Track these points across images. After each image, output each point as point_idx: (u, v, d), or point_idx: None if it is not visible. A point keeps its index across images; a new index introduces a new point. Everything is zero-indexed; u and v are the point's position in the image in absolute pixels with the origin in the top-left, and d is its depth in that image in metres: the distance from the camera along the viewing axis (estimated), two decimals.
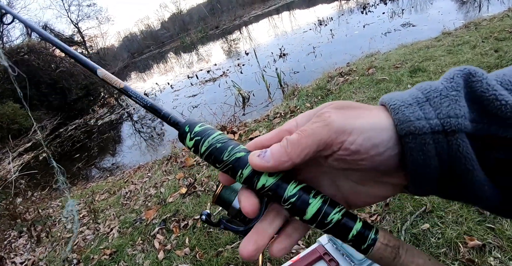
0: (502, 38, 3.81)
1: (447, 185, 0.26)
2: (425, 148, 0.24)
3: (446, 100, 0.25)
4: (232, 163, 0.30)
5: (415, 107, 0.26)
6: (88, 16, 27.28)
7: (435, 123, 0.24)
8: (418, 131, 0.24)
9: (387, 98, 0.28)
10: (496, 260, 1.43)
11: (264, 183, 0.29)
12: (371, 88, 3.73)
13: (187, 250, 2.25)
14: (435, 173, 0.25)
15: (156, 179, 3.67)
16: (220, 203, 0.54)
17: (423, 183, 0.27)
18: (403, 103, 0.26)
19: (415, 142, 0.25)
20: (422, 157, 0.25)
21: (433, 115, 0.25)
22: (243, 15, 26.51)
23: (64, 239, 3.21)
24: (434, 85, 0.27)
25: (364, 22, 8.60)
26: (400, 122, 0.25)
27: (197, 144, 0.31)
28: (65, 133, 9.92)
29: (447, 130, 0.24)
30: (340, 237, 0.29)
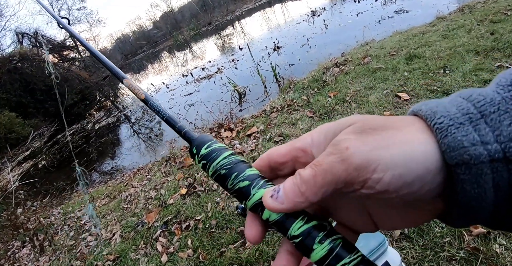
0: (497, 20, 3.75)
1: (501, 217, 0.22)
2: (481, 180, 0.20)
3: (507, 117, 0.20)
4: (236, 192, 0.28)
5: (469, 128, 0.20)
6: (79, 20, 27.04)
7: (494, 150, 0.19)
8: (474, 160, 0.19)
9: (427, 110, 0.22)
10: (501, 247, 1.40)
11: (267, 217, 0.27)
12: (368, 78, 3.68)
13: (190, 251, 2.23)
14: (489, 206, 0.21)
15: (155, 180, 3.65)
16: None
17: (472, 216, 0.22)
18: (452, 121, 0.21)
19: (469, 173, 0.20)
20: (477, 190, 0.20)
21: (491, 139, 0.19)
22: (235, 10, 26.30)
23: (67, 247, 3.19)
24: (489, 96, 0.21)
25: (357, 11, 8.51)
26: (450, 149, 0.20)
27: (204, 167, 0.31)
28: (63, 139, 9.88)
29: (509, 158, 0.19)
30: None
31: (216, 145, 0.31)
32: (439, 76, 3.05)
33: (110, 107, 12.14)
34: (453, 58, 3.26)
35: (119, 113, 10.22)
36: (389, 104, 2.95)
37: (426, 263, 1.46)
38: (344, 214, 0.28)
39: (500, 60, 2.90)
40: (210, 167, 0.30)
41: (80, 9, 27.09)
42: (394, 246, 1.56)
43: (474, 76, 2.79)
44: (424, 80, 3.08)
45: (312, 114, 3.42)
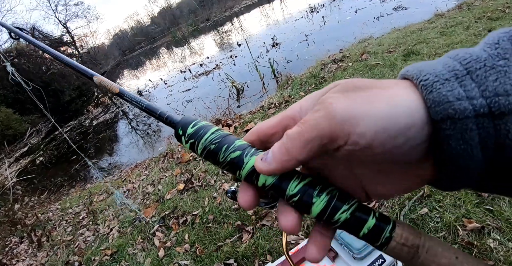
0: (495, 18, 3.76)
1: (490, 178, 0.22)
2: (467, 135, 0.20)
3: (493, 73, 0.20)
4: (229, 164, 0.28)
5: (454, 83, 0.20)
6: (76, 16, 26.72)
7: (480, 104, 0.19)
8: (458, 115, 0.19)
9: (414, 70, 0.22)
10: (495, 241, 1.42)
11: (263, 182, 0.27)
12: (365, 74, 3.68)
13: (187, 246, 2.24)
14: (477, 165, 0.20)
15: (153, 176, 3.65)
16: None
17: (461, 176, 0.22)
18: (438, 78, 0.21)
19: (454, 127, 0.20)
20: (463, 146, 0.20)
21: (477, 94, 0.19)
22: (233, 6, 26.17)
23: (65, 242, 3.20)
24: (475, 53, 0.21)
25: (356, 7, 8.50)
26: (435, 103, 0.20)
27: (192, 147, 0.30)
28: (60, 135, 9.86)
29: (495, 113, 0.19)
30: (352, 234, 0.26)
31: (201, 123, 0.30)
32: None
33: (107, 103, 12.10)
34: None
35: (117, 110, 10.19)
36: None
37: None
38: (335, 182, 0.28)
39: None
40: (199, 144, 0.29)
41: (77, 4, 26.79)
42: None
43: None
44: None
45: None
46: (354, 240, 1.11)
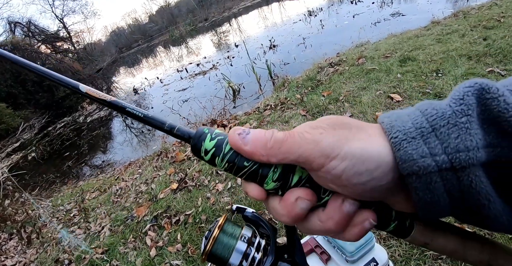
0: (490, 27, 3.81)
1: (460, 216, 0.24)
2: (432, 186, 0.22)
3: (455, 130, 0.22)
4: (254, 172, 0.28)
5: (419, 142, 0.22)
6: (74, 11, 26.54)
7: (442, 160, 0.22)
8: (422, 171, 0.22)
9: (387, 124, 0.25)
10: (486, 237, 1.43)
11: (300, 175, 0.28)
12: (361, 78, 3.71)
13: (179, 246, 2.23)
14: (446, 208, 0.23)
15: (147, 175, 3.63)
16: (212, 260, 0.45)
17: (433, 215, 0.25)
18: (405, 136, 0.23)
19: (419, 181, 0.22)
20: (429, 195, 0.23)
21: (439, 151, 0.22)
22: (232, 6, 26.19)
23: (55, 239, 3.16)
24: (441, 110, 0.23)
25: (354, 12, 8.56)
26: (402, 161, 0.23)
27: (220, 143, 0.29)
28: (53, 131, 9.74)
29: (456, 167, 0.21)
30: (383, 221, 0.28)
31: (219, 135, 0.29)
32: (432, 79, 3.10)
33: None
34: (446, 62, 3.31)
35: None
36: (382, 105, 2.98)
37: (413, 261, 1.49)
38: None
39: (491, 65, 2.96)
40: (222, 157, 0.28)
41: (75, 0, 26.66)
42: (381, 244, 1.59)
43: (465, 80, 2.81)
44: (417, 82, 3.12)
45: (305, 112, 3.44)
46: (347, 243, 1.12)
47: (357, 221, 0.26)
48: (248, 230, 0.47)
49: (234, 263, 0.43)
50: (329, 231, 0.27)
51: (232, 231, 0.46)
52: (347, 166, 0.24)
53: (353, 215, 0.27)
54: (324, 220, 0.27)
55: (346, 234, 0.27)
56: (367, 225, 0.26)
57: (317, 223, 0.27)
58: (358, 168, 0.23)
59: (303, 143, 0.25)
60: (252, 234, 0.46)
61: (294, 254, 0.46)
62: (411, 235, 0.28)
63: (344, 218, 0.26)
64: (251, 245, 0.45)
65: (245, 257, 0.43)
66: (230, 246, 0.44)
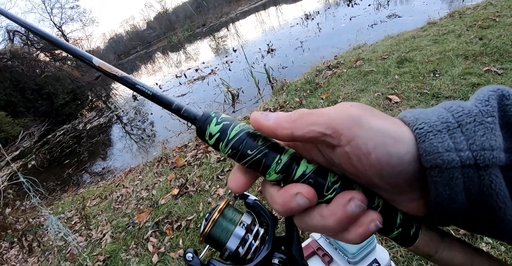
0: (486, 26, 3.84)
1: (473, 219, 0.23)
2: (452, 183, 0.22)
3: (481, 128, 0.22)
4: (269, 147, 0.27)
5: (445, 135, 0.22)
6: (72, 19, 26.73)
7: (466, 156, 0.21)
8: (446, 165, 0.21)
9: (411, 117, 0.24)
10: (488, 245, 1.43)
11: (304, 170, 0.26)
12: (359, 81, 3.73)
13: (181, 252, 2.22)
14: (461, 208, 0.23)
15: (147, 181, 3.62)
16: (210, 242, 0.45)
17: (446, 216, 0.24)
18: (431, 128, 0.22)
19: (441, 175, 0.22)
20: (448, 192, 0.22)
21: (465, 147, 0.21)
22: (229, 12, 26.35)
23: (57, 247, 3.15)
24: (467, 108, 0.23)
25: (351, 15, 8.61)
26: (426, 153, 0.22)
27: (225, 128, 0.27)
28: (53, 139, 9.74)
29: (480, 165, 0.21)
30: (386, 226, 0.26)
31: (225, 116, 0.29)
32: (429, 79, 3.11)
33: (102, 107, 12.02)
34: (443, 62, 3.33)
35: (111, 114, 10.13)
36: (380, 106, 2.99)
37: (415, 261, 1.48)
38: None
39: (488, 64, 2.97)
40: (236, 126, 0.28)
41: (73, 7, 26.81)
42: (383, 245, 1.58)
43: (463, 80, 2.85)
44: (414, 83, 3.13)
45: None
46: (348, 244, 1.12)
47: (363, 221, 0.25)
48: (248, 217, 0.47)
49: (230, 247, 0.43)
50: (329, 227, 0.25)
51: (232, 216, 0.46)
52: (379, 142, 0.22)
53: (357, 216, 0.25)
54: (326, 215, 0.25)
55: (349, 235, 0.26)
56: (373, 227, 0.25)
57: (317, 218, 0.26)
58: (390, 148, 0.22)
59: (331, 112, 0.24)
60: (252, 222, 0.46)
61: (291, 246, 0.46)
62: (415, 245, 0.27)
63: (347, 217, 0.25)
64: (249, 232, 0.45)
65: (242, 243, 0.44)
66: (228, 230, 0.44)
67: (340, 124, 0.23)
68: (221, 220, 0.45)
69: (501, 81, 2.64)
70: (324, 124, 0.23)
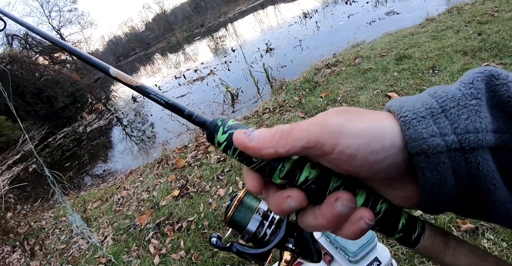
0: (484, 21, 3.82)
1: (465, 203, 0.24)
2: (440, 167, 0.22)
3: (465, 112, 0.22)
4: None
5: (429, 121, 0.22)
6: (70, 22, 26.80)
7: (451, 140, 0.21)
8: (431, 150, 0.22)
9: (396, 106, 0.25)
10: (489, 241, 1.43)
11: (307, 176, 0.27)
12: (358, 78, 3.72)
13: (183, 253, 2.22)
14: (451, 192, 0.23)
15: (148, 182, 3.62)
16: (233, 225, 0.51)
17: (438, 201, 0.24)
18: (415, 115, 0.23)
19: (427, 161, 0.22)
20: (437, 177, 0.22)
21: (449, 131, 0.22)
22: (228, 11, 26.33)
23: (58, 250, 3.15)
24: (451, 92, 0.23)
25: (349, 13, 8.59)
26: (411, 139, 0.22)
27: (231, 137, 0.28)
28: (54, 142, 9.75)
29: (466, 148, 0.21)
30: (388, 229, 0.27)
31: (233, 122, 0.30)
32: (428, 76, 3.10)
33: (102, 109, 12.03)
34: (442, 59, 3.31)
35: (111, 116, 10.13)
36: (379, 104, 2.98)
37: (416, 259, 1.48)
38: None
39: (487, 60, 2.96)
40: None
41: (71, 10, 26.84)
42: (384, 243, 1.58)
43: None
44: (414, 80, 3.12)
45: (304, 114, 3.44)
46: (349, 243, 1.11)
47: (353, 219, 0.26)
48: (265, 204, 0.51)
49: (250, 230, 0.49)
50: (322, 226, 0.27)
51: (251, 203, 0.51)
52: (361, 143, 0.23)
53: (347, 216, 0.26)
54: (318, 216, 0.26)
55: (344, 231, 0.27)
56: (363, 224, 0.26)
57: (312, 218, 0.27)
58: (374, 146, 0.23)
59: (310, 127, 0.25)
60: (268, 209, 0.51)
61: (303, 232, 0.50)
62: (418, 246, 0.27)
63: (336, 217, 0.26)
64: (265, 218, 0.50)
65: (260, 227, 0.49)
66: (248, 215, 0.50)
67: (320, 136, 0.24)
68: (241, 206, 0.51)
69: None
70: (305, 138, 0.24)
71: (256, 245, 0.50)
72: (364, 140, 0.23)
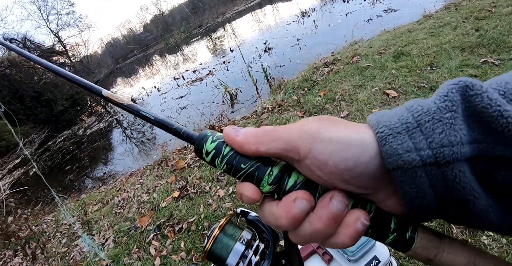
0: (482, 17, 3.81)
1: (448, 213, 0.24)
2: (417, 181, 0.22)
3: (440, 125, 0.22)
4: (261, 161, 0.29)
5: (404, 137, 0.23)
6: (68, 25, 26.73)
7: (426, 155, 0.22)
8: (407, 165, 0.22)
9: (374, 121, 0.25)
10: (489, 238, 1.42)
11: (296, 180, 0.28)
12: (356, 76, 3.71)
13: (183, 254, 2.22)
14: (432, 203, 0.23)
15: (148, 184, 3.62)
16: (211, 259, 0.48)
17: (421, 212, 0.24)
18: (391, 131, 0.23)
19: (405, 175, 0.22)
20: (415, 190, 0.23)
21: (424, 145, 0.22)
22: (225, 12, 26.33)
23: (60, 254, 3.15)
24: (426, 106, 0.24)
25: (347, 11, 8.58)
26: (387, 155, 0.23)
27: (220, 145, 0.30)
28: (54, 145, 9.76)
29: (441, 162, 0.22)
30: (379, 233, 0.27)
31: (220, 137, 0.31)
32: (426, 73, 3.09)
33: (101, 112, 12.03)
34: (440, 55, 3.31)
35: (111, 118, 10.13)
36: (378, 101, 2.98)
37: None
38: None
39: (485, 56, 2.95)
40: (220, 157, 0.30)
41: (69, 13, 26.81)
42: None
43: (460, 72, 2.83)
44: (412, 77, 3.11)
45: (303, 114, 3.43)
46: None
47: (348, 221, 0.26)
48: (248, 232, 0.48)
49: (231, 263, 0.45)
50: (319, 231, 0.26)
51: (233, 232, 0.48)
52: (333, 150, 0.24)
53: (343, 215, 0.26)
54: (313, 220, 0.26)
55: (340, 236, 0.26)
56: (359, 225, 0.25)
57: (307, 226, 0.27)
58: (344, 153, 0.24)
59: (290, 131, 0.26)
60: (252, 237, 0.47)
61: (291, 259, 0.47)
62: (412, 248, 0.27)
63: (333, 216, 0.25)
64: (249, 248, 0.46)
65: (242, 258, 0.45)
66: (228, 246, 0.45)
67: (298, 140, 0.25)
68: (221, 236, 0.46)
69: (498, 72, 2.62)
70: (284, 141, 0.26)
71: None
72: (337, 146, 0.24)
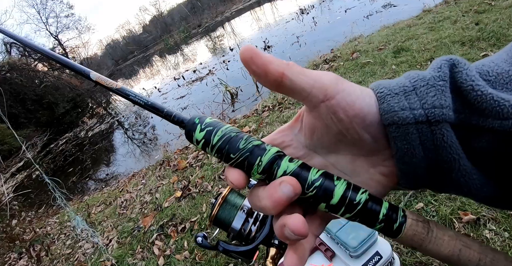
0: (482, 11, 3.79)
1: (436, 175, 0.26)
2: (409, 137, 0.25)
3: (433, 90, 0.25)
4: (250, 150, 0.28)
5: (401, 97, 0.25)
6: (68, 27, 26.76)
7: (419, 114, 0.24)
8: (401, 121, 0.25)
9: (376, 85, 0.28)
10: (491, 232, 1.42)
11: (285, 169, 0.27)
12: (357, 73, 3.70)
13: (187, 253, 2.23)
14: (422, 162, 0.26)
15: (150, 185, 3.63)
16: (218, 223, 0.52)
17: (411, 172, 0.27)
18: (390, 92, 0.26)
19: (398, 131, 0.25)
20: (406, 146, 0.25)
21: (417, 105, 0.25)
22: (224, 11, 26.28)
23: (64, 255, 3.17)
24: (422, 74, 0.26)
25: (346, 7, 8.55)
26: (384, 112, 0.25)
27: (208, 135, 0.29)
28: (56, 148, 9.80)
29: (431, 121, 0.24)
30: (369, 220, 0.27)
31: (212, 119, 0.30)
32: (426, 68, 3.06)
33: (102, 114, 12.06)
34: (440, 50, 3.29)
35: (112, 120, 10.15)
36: None
37: (418, 252, 1.47)
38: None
39: (485, 49, 2.93)
40: (218, 131, 0.28)
41: (68, 16, 26.83)
42: (385, 237, 1.57)
43: None
44: None
45: None
46: (350, 238, 1.11)
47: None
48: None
49: (235, 227, 0.50)
50: (265, 208, 0.27)
51: (235, 201, 0.52)
52: (360, 95, 0.26)
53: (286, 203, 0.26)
54: (264, 196, 0.27)
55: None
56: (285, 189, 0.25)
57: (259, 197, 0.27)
58: (368, 100, 0.26)
59: (319, 73, 0.27)
60: None
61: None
62: (401, 235, 0.27)
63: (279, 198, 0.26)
64: (249, 216, 0.50)
65: (244, 224, 0.50)
66: (232, 213, 0.50)
67: (327, 80, 0.26)
68: (225, 204, 0.51)
69: None
70: (313, 78, 0.26)
71: (242, 242, 0.50)
72: (362, 93, 0.26)
